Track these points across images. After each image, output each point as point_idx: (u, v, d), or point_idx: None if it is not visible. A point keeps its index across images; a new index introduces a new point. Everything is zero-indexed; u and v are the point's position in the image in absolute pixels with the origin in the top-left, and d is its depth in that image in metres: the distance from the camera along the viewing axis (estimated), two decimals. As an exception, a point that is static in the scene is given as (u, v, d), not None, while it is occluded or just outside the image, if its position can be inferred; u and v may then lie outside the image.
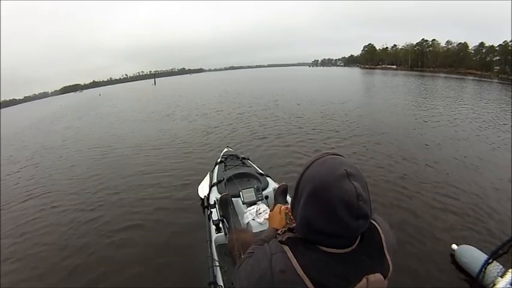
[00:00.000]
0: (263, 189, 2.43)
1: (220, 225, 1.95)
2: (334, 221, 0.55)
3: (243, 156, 3.52)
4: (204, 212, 2.43)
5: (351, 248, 0.60)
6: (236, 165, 3.15)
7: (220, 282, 1.57)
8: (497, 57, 46.57)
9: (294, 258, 0.57)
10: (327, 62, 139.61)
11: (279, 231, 0.75)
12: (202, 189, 3.18)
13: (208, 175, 3.35)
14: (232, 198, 2.23)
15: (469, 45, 54.90)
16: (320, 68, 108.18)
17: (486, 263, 1.94)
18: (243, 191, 2.24)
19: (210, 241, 1.87)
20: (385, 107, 10.52)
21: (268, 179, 2.74)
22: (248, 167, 3.16)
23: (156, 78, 68.36)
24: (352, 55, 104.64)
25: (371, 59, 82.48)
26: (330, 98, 13.57)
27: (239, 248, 1.48)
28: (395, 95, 14.57)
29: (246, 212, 2.08)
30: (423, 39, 65.02)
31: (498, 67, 45.06)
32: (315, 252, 0.58)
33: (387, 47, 78.07)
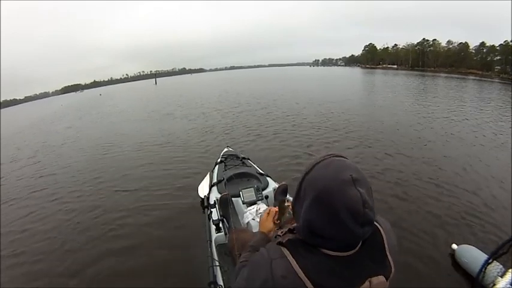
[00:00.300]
0: (263, 189, 2.43)
1: (220, 225, 1.95)
2: (339, 227, 0.53)
3: (243, 156, 3.52)
4: (204, 212, 2.43)
5: (354, 251, 0.58)
6: (236, 165, 3.15)
7: (220, 282, 1.57)
8: (498, 57, 46.40)
9: (295, 262, 0.56)
10: (328, 62, 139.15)
11: (279, 233, 0.73)
12: (202, 189, 3.19)
13: (208, 175, 3.35)
14: (232, 198, 2.23)
15: (469, 45, 54.89)
16: (321, 68, 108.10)
17: (486, 263, 1.94)
18: (243, 190, 2.23)
19: (210, 241, 1.87)
20: (385, 106, 10.50)
21: (268, 178, 2.74)
22: (248, 166, 3.16)
23: (157, 78, 68.43)
24: (353, 55, 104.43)
25: (372, 58, 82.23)
26: (330, 97, 13.54)
27: (239, 248, 1.47)
28: (394, 94, 14.54)
29: (246, 212, 2.07)
30: (424, 39, 64.75)
31: (499, 67, 44.87)
32: (316, 255, 0.57)
33: (388, 47, 77.93)
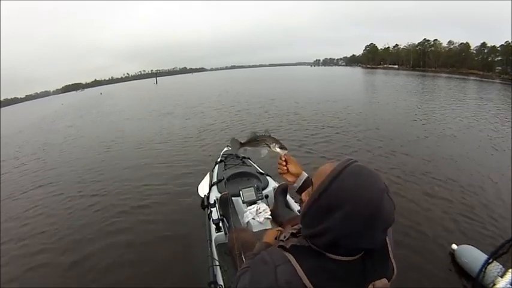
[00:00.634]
0: (263, 189, 2.42)
1: (220, 224, 1.95)
2: (369, 236, 0.53)
3: (243, 155, 3.52)
4: (204, 211, 2.43)
5: (359, 255, 0.58)
6: (236, 165, 3.14)
7: (220, 281, 1.56)
8: (499, 58, 46.32)
9: (299, 267, 0.56)
10: (329, 62, 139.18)
11: (282, 237, 0.72)
12: (202, 189, 3.18)
13: (208, 174, 3.34)
14: (232, 198, 2.22)
15: (470, 45, 54.79)
16: (322, 68, 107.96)
17: (486, 263, 1.93)
18: (243, 190, 2.23)
19: (210, 240, 1.86)
20: (384, 105, 10.50)
21: (268, 178, 2.74)
22: (248, 166, 3.15)
23: (157, 78, 68.49)
24: (354, 55, 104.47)
25: (373, 58, 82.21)
26: (331, 97, 13.49)
27: (239, 247, 1.47)
28: (395, 94, 14.50)
29: (246, 211, 2.07)
30: (425, 39, 64.75)
31: (500, 67, 44.80)
32: (321, 259, 0.57)
33: (389, 47, 77.85)
